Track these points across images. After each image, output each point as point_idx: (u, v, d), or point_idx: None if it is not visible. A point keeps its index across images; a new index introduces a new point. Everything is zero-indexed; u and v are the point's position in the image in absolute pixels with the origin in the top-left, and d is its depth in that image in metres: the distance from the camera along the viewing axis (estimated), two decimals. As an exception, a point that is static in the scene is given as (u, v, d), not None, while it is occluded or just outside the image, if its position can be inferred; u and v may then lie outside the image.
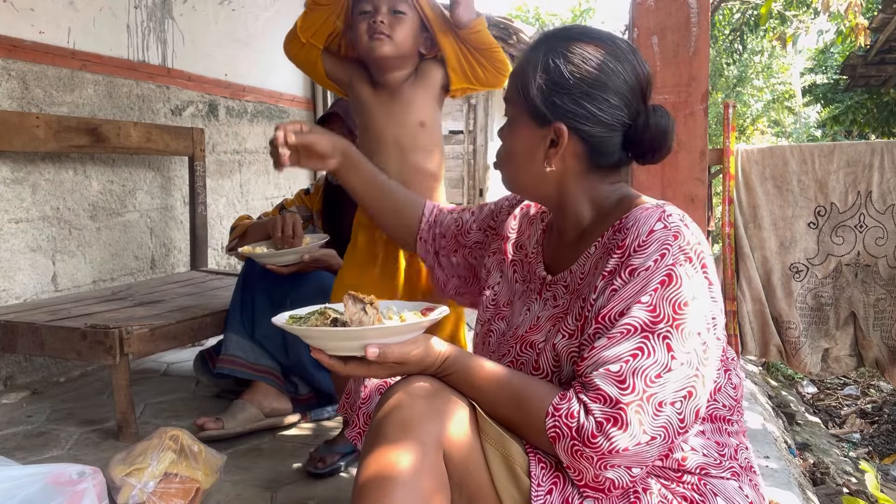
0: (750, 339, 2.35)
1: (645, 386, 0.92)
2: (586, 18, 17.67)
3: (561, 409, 0.95)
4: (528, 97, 1.09)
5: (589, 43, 1.08)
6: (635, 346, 0.94)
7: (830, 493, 2.44)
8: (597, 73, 1.06)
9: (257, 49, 4.11)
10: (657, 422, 0.92)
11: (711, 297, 0.99)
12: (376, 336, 0.99)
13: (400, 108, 1.75)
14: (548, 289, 1.16)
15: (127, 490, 1.49)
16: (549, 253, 1.21)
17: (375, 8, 1.68)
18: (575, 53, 1.07)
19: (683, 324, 0.94)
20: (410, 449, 0.94)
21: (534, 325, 1.14)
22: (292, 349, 2.19)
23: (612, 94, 1.06)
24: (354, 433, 1.27)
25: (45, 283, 2.72)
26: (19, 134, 2.46)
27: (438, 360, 1.04)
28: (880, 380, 5.13)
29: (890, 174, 2.20)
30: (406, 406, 0.98)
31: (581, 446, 0.92)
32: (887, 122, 9.09)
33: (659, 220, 1.00)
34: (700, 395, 0.95)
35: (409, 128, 1.75)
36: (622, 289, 0.98)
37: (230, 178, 3.92)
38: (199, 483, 1.59)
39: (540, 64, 1.08)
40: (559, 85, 1.06)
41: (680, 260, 0.97)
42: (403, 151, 1.75)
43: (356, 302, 1.02)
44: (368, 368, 1.02)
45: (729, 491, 1.03)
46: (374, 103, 1.77)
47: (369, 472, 0.95)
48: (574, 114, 1.06)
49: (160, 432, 1.62)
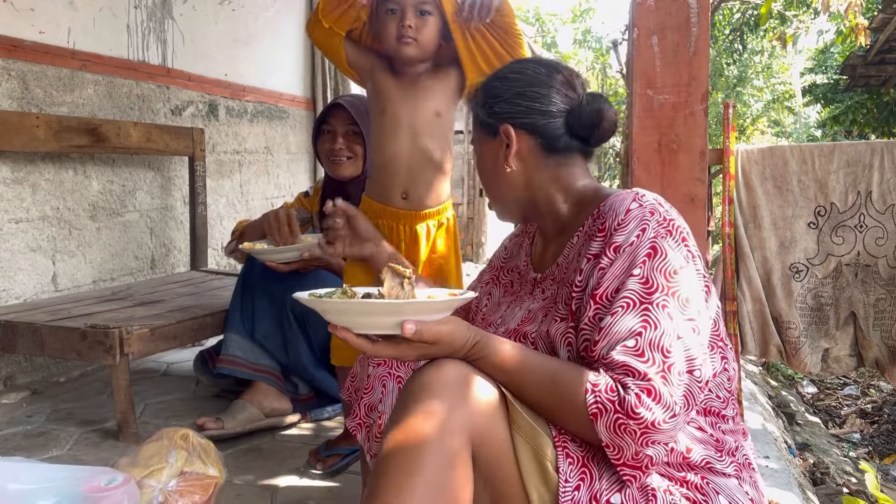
0: (750, 339, 2.35)
1: (663, 357, 0.94)
2: (586, 18, 17.64)
3: (599, 384, 0.94)
4: (477, 119, 1.25)
5: (511, 63, 1.29)
6: (641, 319, 0.97)
7: (830, 493, 2.44)
8: (521, 75, 1.21)
9: (257, 49, 4.11)
10: (678, 391, 0.94)
11: (697, 270, 1.04)
12: (413, 311, 0.93)
13: (419, 95, 1.79)
14: (538, 286, 1.21)
15: (147, 492, 1.49)
16: (536, 255, 1.27)
17: (402, 8, 1.72)
18: (501, 71, 1.26)
19: (678, 290, 0.99)
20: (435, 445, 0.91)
21: (525, 318, 1.17)
22: (292, 348, 2.19)
23: (540, 86, 1.19)
24: (355, 423, 1.26)
25: (45, 283, 2.72)
26: (19, 134, 2.46)
27: (468, 343, 1.00)
28: (880, 380, 5.13)
29: (890, 174, 2.20)
30: (435, 392, 0.95)
31: (626, 419, 0.91)
32: (887, 122, 9.08)
33: (634, 201, 1.07)
34: (707, 361, 0.98)
35: (425, 115, 1.79)
36: (610, 266, 1.02)
37: (230, 178, 3.92)
38: (216, 478, 1.59)
39: (479, 91, 1.26)
40: (494, 96, 1.21)
41: (661, 233, 1.02)
42: (417, 136, 1.78)
43: (395, 276, 0.96)
44: (398, 348, 0.97)
45: (731, 489, 1.03)
46: (393, 90, 1.81)
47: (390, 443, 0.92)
48: (513, 112, 1.19)
49: (167, 432, 1.62)
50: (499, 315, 1.26)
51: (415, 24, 1.70)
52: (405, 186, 1.82)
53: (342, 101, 2.25)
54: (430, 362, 1.00)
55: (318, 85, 4.72)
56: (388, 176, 1.83)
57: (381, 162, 1.86)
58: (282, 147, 4.41)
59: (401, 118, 1.79)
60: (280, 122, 4.39)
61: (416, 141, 1.77)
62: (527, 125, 1.18)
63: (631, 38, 1.97)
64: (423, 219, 1.84)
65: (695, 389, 0.97)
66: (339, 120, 2.23)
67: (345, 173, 2.24)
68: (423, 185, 1.82)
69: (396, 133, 1.79)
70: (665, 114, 1.91)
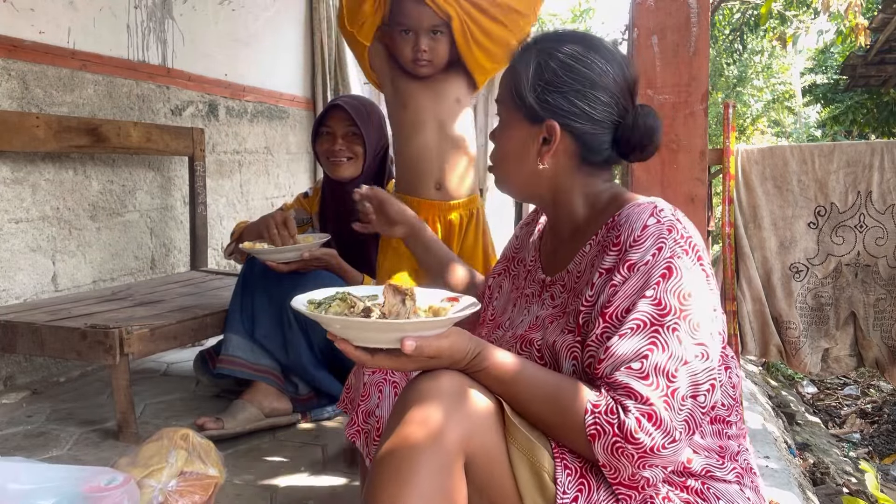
0: (750, 339, 2.35)
1: (668, 382, 0.92)
2: (586, 18, 17.65)
3: (600, 405, 0.93)
4: (520, 97, 1.11)
5: (578, 43, 1.11)
6: (649, 341, 0.94)
7: (830, 493, 2.44)
8: (587, 71, 1.08)
9: (257, 49, 4.11)
10: (681, 416, 0.92)
11: (710, 288, 1.00)
12: (414, 330, 0.94)
13: (438, 87, 1.86)
14: (546, 290, 1.17)
15: (147, 492, 1.49)
16: (546, 255, 1.22)
17: (416, 31, 1.79)
18: (565, 53, 1.10)
19: (690, 314, 0.95)
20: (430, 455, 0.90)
21: (533, 324, 1.14)
22: (292, 348, 2.19)
23: (602, 92, 1.08)
24: (353, 430, 1.27)
25: (45, 283, 2.72)
26: (19, 134, 2.46)
27: (469, 355, 0.99)
28: (880, 380, 5.13)
29: (890, 174, 2.20)
30: (432, 404, 0.94)
31: (624, 443, 0.90)
32: (887, 122, 9.08)
33: (652, 216, 1.02)
34: (717, 387, 0.96)
35: (447, 103, 1.85)
36: (623, 285, 0.99)
37: (230, 178, 3.92)
38: (216, 478, 1.59)
39: (532, 64, 1.11)
40: (551, 83, 1.09)
41: (678, 252, 0.98)
42: (443, 125, 1.83)
43: (396, 294, 0.97)
44: (398, 360, 0.97)
45: (731, 494, 1.03)
46: (413, 86, 1.87)
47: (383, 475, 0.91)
48: (566, 111, 1.09)
49: (167, 432, 1.62)
50: (507, 317, 1.23)
51: (429, 48, 1.77)
52: (438, 177, 1.85)
53: (341, 102, 2.25)
54: (427, 373, 0.99)
55: (318, 85, 4.72)
56: (420, 168, 1.85)
57: (409, 156, 1.88)
58: (282, 147, 4.41)
59: (425, 110, 1.83)
60: (280, 122, 4.39)
61: (443, 130, 1.83)
62: (575, 130, 1.10)
63: (631, 38, 1.96)
64: (455, 209, 1.86)
65: (697, 414, 0.95)
66: (338, 121, 2.24)
67: (344, 174, 2.24)
68: (455, 173, 1.86)
69: (422, 125, 1.83)
70: (665, 114, 1.91)
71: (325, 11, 4.68)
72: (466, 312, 1.01)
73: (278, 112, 4.36)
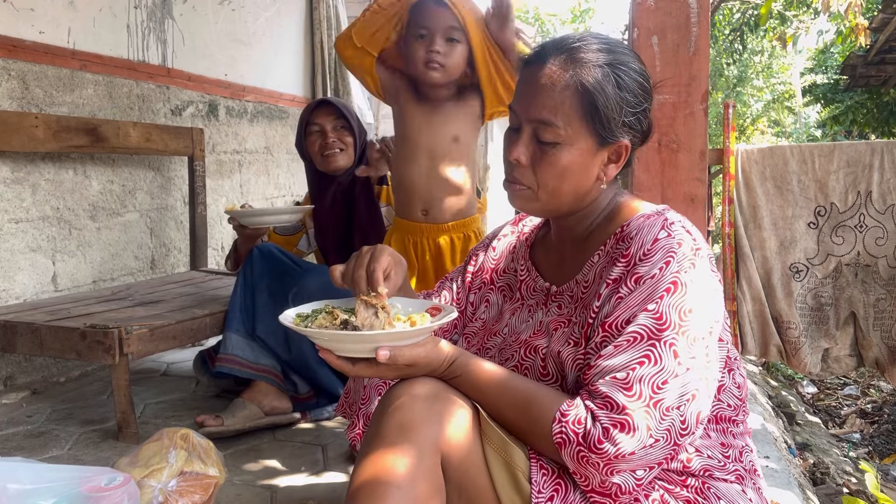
0: (750, 339, 2.35)
1: (652, 392, 0.92)
2: (586, 19, 17.64)
3: (568, 415, 0.94)
4: (600, 120, 1.03)
5: (629, 54, 1.07)
6: (642, 353, 0.94)
7: (830, 493, 2.44)
8: (648, 86, 1.07)
9: (257, 49, 4.11)
10: (662, 425, 0.92)
11: (717, 300, 1.00)
12: (387, 340, 0.99)
13: (438, 121, 1.88)
14: (553, 299, 1.16)
15: (147, 492, 1.49)
16: (548, 265, 1.21)
17: (431, 34, 1.80)
18: (632, 69, 1.05)
19: (689, 330, 0.95)
20: (407, 453, 0.94)
21: (537, 331, 1.14)
22: (294, 345, 2.19)
23: (649, 103, 1.09)
24: (354, 434, 1.28)
25: (45, 283, 2.72)
26: (19, 134, 2.46)
27: (446, 362, 1.03)
28: (880, 380, 5.13)
29: (890, 174, 2.20)
30: (406, 408, 0.98)
31: (587, 452, 0.91)
32: (887, 122, 9.09)
33: (662, 229, 1.01)
34: (703, 399, 0.96)
35: (443, 140, 1.88)
36: (628, 297, 0.99)
37: (230, 178, 3.92)
38: (216, 478, 1.59)
39: (609, 82, 1.03)
40: (629, 103, 1.04)
41: (685, 267, 0.98)
42: (434, 161, 1.88)
43: (368, 307, 1.02)
44: (377, 369, 1.01)
45: (732, 494, 1.03)
46: (414, 114, 1.90)
47: (365, 475, 0.95)
48: (634, 129, 1.07)
49: (167, 432, 1.62)
50: (503, 323, 1.22)
51: (443, 50, 1.78)
52: (424, 205, 1.93)
53: (326, 98, 2.33)
54: (404, 381, 1.03)
55: (318, 85, 4.72)
56: (408, 196, 1.94)
57: (400, 184, 1.98)
58: (282, 147, 4.41)
59: (419, 144, 1.88)
60: (280, 122, 4.39)
61: (433, 165, 1.89)
62: (634, 145, 1.09)
63: (631, 38, 1.97)
64: (445, 232, 1.92)
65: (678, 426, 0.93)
66: (325, 116, 2.32)
67: (339, 164, 2.32)
68: (441, 203, 1.92)
69: (414, 158, 1.89)
70: (665, 114, 1.91)
71: (325, 11, 4.68)
72: (438, 323, 1.05)
73: (278, 112, 4.36)
